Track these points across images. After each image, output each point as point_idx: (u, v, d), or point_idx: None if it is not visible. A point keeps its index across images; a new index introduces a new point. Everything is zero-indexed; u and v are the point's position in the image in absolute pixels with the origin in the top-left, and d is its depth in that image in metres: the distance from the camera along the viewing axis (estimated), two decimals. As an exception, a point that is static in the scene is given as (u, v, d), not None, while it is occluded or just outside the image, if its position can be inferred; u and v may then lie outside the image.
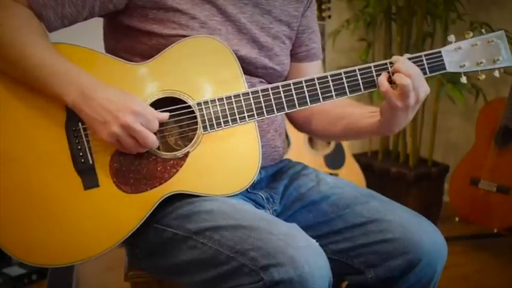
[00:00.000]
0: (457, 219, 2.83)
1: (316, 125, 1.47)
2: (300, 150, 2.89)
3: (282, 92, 1.25)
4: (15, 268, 2.42)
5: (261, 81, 1.36)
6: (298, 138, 2.89)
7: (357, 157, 3.12)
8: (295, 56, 1.48)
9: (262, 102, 1.25)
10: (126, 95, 1.16)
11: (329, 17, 2.90)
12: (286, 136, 2.69)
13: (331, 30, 3.08)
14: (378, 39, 3.22)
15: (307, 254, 1.09)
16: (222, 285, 1.13)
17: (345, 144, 2.97)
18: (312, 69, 1.49)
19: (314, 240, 1.14)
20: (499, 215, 2.65)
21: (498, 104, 2.68)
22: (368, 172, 3.04)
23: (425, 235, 1.25)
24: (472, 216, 2.77)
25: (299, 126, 1.53)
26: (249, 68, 1.32)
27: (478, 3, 3.02)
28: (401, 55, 1.29)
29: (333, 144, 2.95)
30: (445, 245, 1.29)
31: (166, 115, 1.19)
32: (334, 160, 2.95)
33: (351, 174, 2.93)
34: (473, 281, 2.50)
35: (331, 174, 1.66)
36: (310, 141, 2.95)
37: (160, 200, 1.21)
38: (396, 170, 3.02)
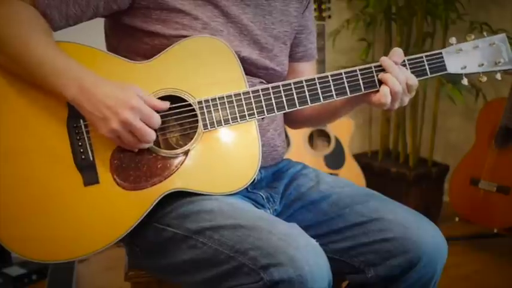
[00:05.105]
0: (457, 219, 2.83)
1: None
2: (300, 150, 2.89)
3: (282, 92, 1.26)
4: (15, 268, 2.42)
5: (261, 82, 1.37)
6: (298, 138, 2.90)
7: (357, 157, 3.12)
8: (292, 56, 1.48)
9: (263, 101, 1.25)
10: (126, 89, 1.16)
11: (329, 17, 2.90)
12: (286, 136, 2.70)
13: (331, 30, 3.08)
14: (378, 39, 3.22)
15: (307, 254, 1.08)
16: (221, 285, 1.13)
17: (345, 144, 2.97)
18: (308, 69, 1.51)
19: (314, 240, 1.14)
20: (499, 215, 2.65)
21: (498, 104, 2.68)
22: (368, 172, 3.04)
23: (425, 234, 1.25)
24: (472, 216, 2.77)
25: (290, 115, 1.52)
26: (250, 69, 1.32)
27: (478, 3, 3.02)
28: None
29: (333, 144, 2.95)
30: (445, 244, 1.28)
31: (166, 104, 1.19)
32: (334, 160, 2.95)
33: (351, 174, 2.93)
34: (473, 281, 2.50)
35: (331, 174, 1.66)
36: (310, 141, 2.95)
37: (160, 198, 1.21)
38: (396, 170, 3.03)
